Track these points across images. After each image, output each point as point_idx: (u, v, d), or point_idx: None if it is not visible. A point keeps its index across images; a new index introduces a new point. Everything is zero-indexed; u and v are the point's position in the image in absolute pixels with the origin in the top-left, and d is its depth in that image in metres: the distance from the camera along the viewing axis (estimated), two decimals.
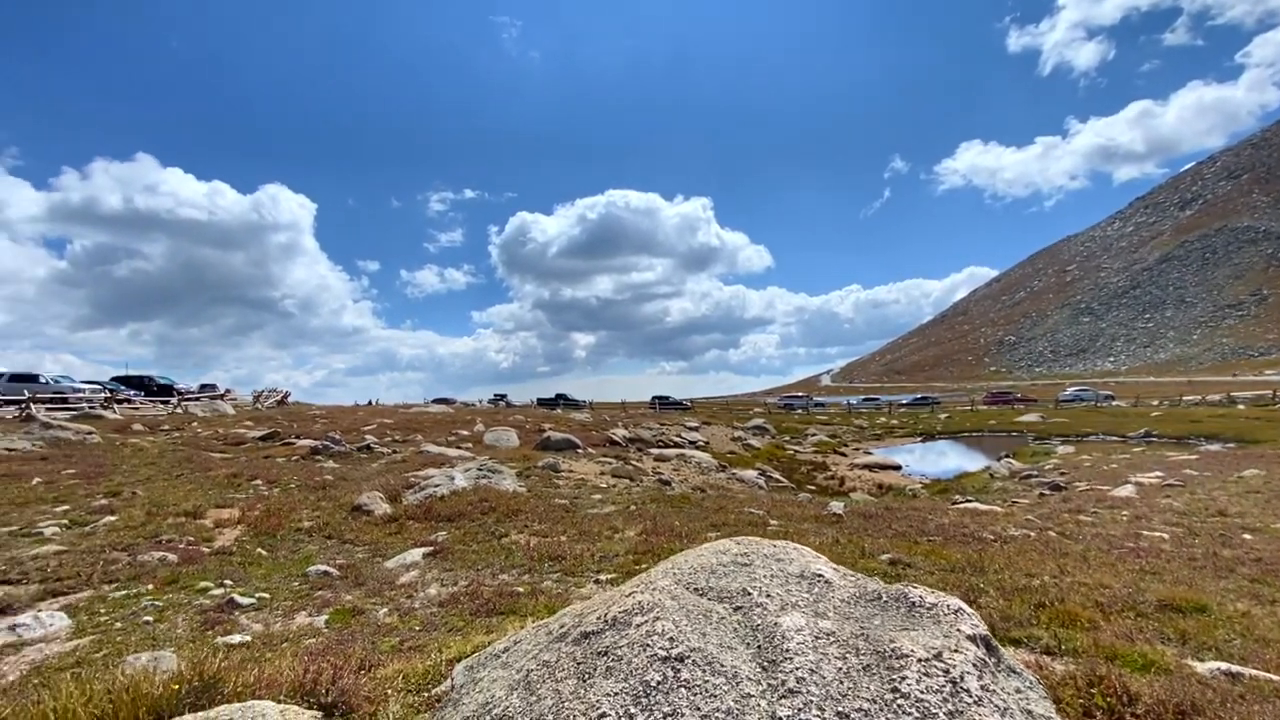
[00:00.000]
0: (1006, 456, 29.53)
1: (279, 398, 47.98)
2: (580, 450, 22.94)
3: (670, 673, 2.53)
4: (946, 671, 2.60)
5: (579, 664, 2.75)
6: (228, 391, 49.86)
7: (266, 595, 7.00)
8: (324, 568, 7.94)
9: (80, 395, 32.44)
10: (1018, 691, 2.84)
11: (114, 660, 5.02)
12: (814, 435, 43.59)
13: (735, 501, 13.94)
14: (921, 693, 2.48)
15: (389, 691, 3.48)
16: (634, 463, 21.67)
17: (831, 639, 2.79)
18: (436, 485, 12.54)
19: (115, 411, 27.99)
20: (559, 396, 63.39)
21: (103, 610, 6.44)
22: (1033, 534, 10.77)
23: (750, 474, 24.67)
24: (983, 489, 22.10)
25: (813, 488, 24.85)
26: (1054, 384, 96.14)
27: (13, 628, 5.90)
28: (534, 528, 10.03)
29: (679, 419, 44.52)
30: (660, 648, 2.65)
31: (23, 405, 24.29)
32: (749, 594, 3.15)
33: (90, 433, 19.04)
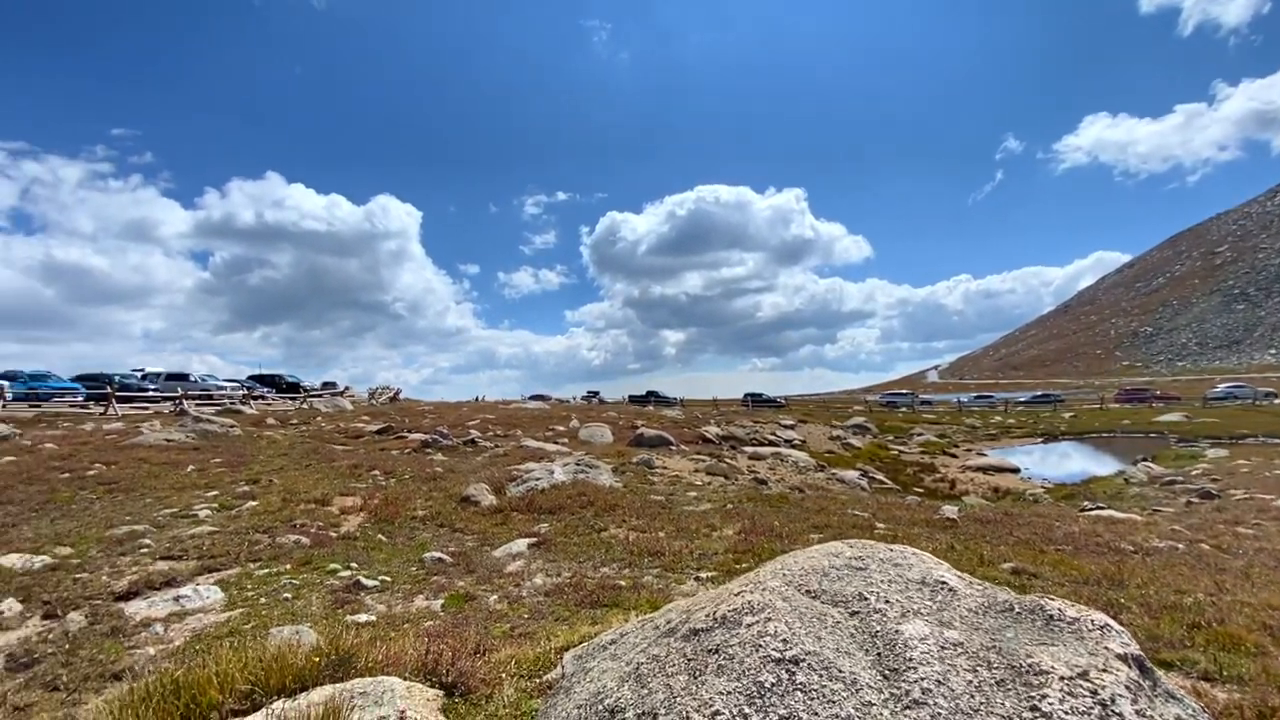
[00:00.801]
0: (1144, 460, 26.81)
1: (391, 394, 51.43)
2: (673, 447, 22.99)
3: (785, 675, 2.45)
4: (1094, 692, 2.35)
5: (689, 660, 2.73)
6: (346, 389, 54.07)
7: (388, 578, 7.50)
8: (438, 554, 8.40)
9: (223, 392, 36.34)
10: None
11: (261, 632, 5.54)
12: (920, 435, 41.36)
13: (836, 503, 13.49)
14: (1065, 713, 2.26)
15: (503, 675, 3.61)
16: (728, 460, 21.45)
17: (959, 650, 2.60)
18: (537, 479, 12.97)
19: (252, 407, 31.05)
20: (650, 393, 63.84)
21: (249, 586, 7.13)
22: (1181, 546, 9.69)
23: (851, 474, 23.78)
24: (1116, 495, 20.15)
25: (920, 490, 23.61)
26: (1200, 380, 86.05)
27: (177, 599, 6.66)
28: (631, 523, 10.14)
29: (773, 417, 43.62)
30: (773, 649, 2.57)
31: (177, 401, 27.41)
32: (865, 599, 3.01)
33: (232, 426, 21.19)
